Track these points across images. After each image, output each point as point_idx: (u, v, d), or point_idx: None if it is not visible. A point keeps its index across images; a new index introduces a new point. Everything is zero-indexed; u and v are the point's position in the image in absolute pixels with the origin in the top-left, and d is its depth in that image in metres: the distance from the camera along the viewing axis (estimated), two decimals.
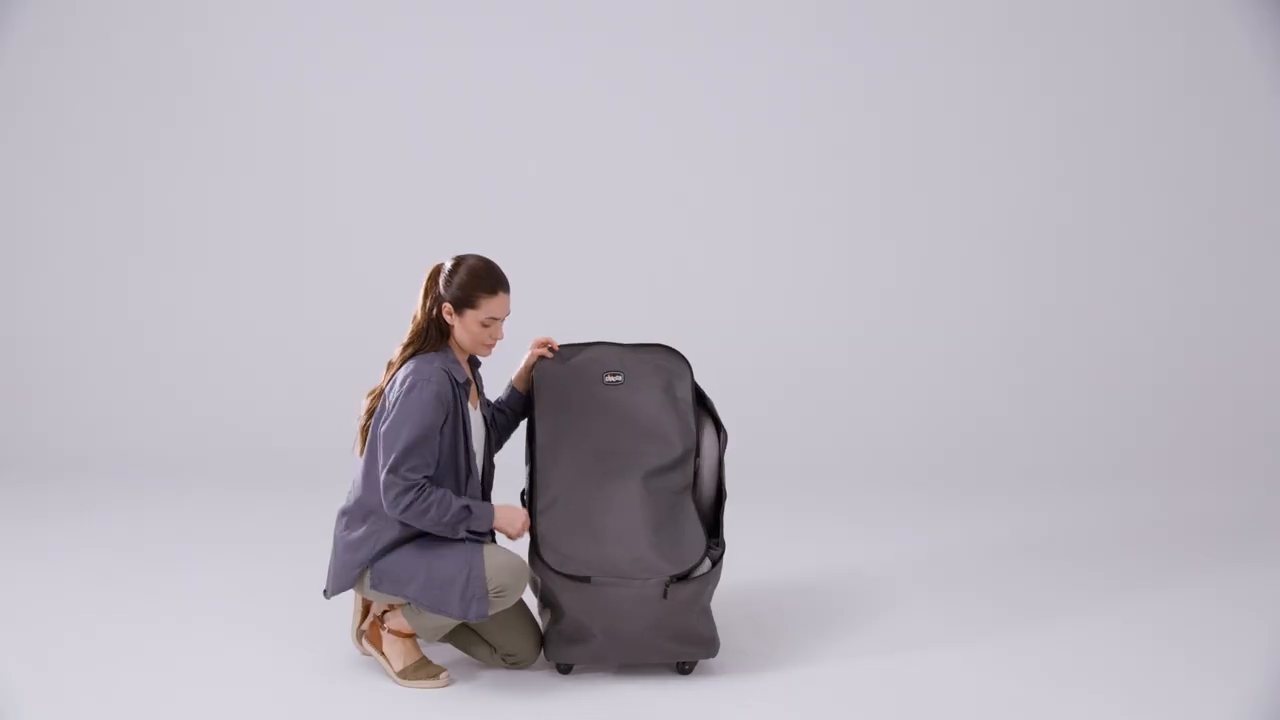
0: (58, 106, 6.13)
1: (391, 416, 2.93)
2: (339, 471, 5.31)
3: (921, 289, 6.02)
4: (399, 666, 3.04)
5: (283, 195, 6.14)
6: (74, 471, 5.39)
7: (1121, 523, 4.68)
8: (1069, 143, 6.02)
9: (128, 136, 6.13)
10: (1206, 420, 5.69)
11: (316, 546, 4.25)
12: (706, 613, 3.06)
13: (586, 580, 2.95)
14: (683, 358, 3.32)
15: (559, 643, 3.03)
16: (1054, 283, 6.00)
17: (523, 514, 3.04)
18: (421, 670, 3.04)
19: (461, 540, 2.96)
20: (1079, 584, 3.90)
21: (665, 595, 2.94)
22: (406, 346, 3.07)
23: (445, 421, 2.96)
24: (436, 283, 3.06)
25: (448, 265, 3.07)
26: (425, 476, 2.90)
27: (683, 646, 3.03)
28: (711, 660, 3.14)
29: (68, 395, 5.96)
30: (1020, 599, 3.74)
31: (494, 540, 3.09)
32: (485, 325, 3.04)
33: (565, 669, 3.10)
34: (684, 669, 3.09)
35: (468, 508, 2.92)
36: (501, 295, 3.05)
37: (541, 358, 3.29)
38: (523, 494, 3.24)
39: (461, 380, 3.02)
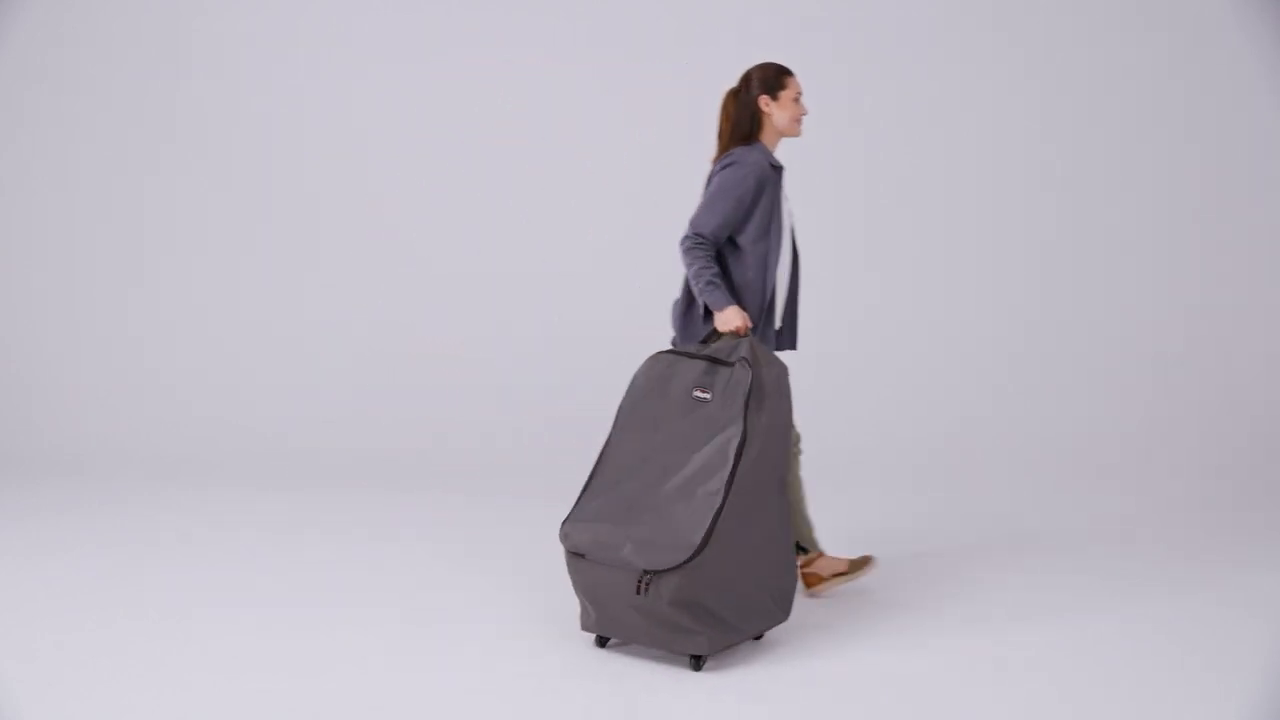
0: (58, 106, 6.13)
1: (714, 186, 3.41)
2: (341, 471, 5.36)
3: (922, 288, 6.02)
4: (843, 569, 3.70)
5: (285, 194, 6.15)
6: (73, 471, 5.39)
7: (1121, 522, 4.69)
8: (1065, 142, 6.02)
9: (128, 135, 6.14)
10: (1206, 421, 5.69)
11: (317, 550, 4.27)
12: (687, 606, 3.04)
13: (582, 556, 3.14)
14: (754, 365, 3.22)
15: (581, 609, 3.26)
16: (1053, 281, 6.00)
17: (744, 318, 3.33)
18: (856, 567, 3.72)
19: None
20: (1078, 584, 3.91)
21: (638, 591, 3.03)
22: (722, 148, 3.52)
23: (763, 196, 3.40)
24: (736, 97, 3.53)
25: (738, 84, 3.54)
26: (706, 239, 3.37)
27: (669, 635, 3.08)
28: (713, 659, 3.16)
29: (68, 395, 5.96)
30: (1019, 599, 3.74)
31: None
32: (796, 100, 3.51)
33: (600, 641, 3.28)
34: (695, 664, 3.12)
35: (714, 284, 3.34)
36: (795, 76, 3.55)
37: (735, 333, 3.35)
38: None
39: (778, 165, 3.47)
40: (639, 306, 5.96)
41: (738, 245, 3.44)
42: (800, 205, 6.17)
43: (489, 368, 5.98)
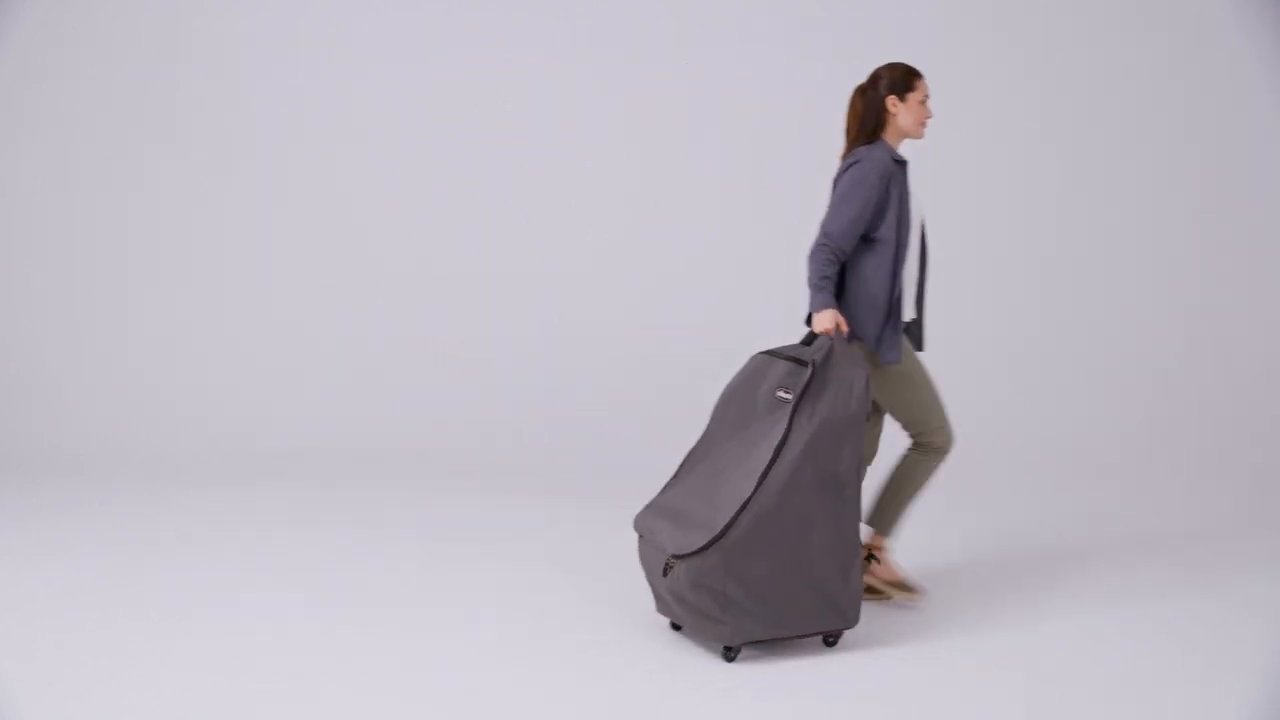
0: (58, 106, 6.13)
1: (840, 188, 3.44)
2: (341, 471, 5.36)
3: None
4: (891, 578, 3.67)
5: (285, 194, 6.15)
6: (73, 471, 5.39)
7: (1121, 522, 4.68)
8: (1065, 142, 6.02)
9: (128, 135, 6.13)
10: (1206, 421, 5.69)
11: (317, 550, 4.27)
12: (709, 592, 3.09)
13: (642, 538, 3.34)
14: (817, 365, 3.23)
15: None
16: (1053, 281, 6.00)
17: (836, 320, 3.35)
18: (902, 590, 3.67)
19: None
20: (1078, 584, 3.90)
21: (664, 573, 3.19)
22: (850, 145, 3.55)
23: (891, 190, 3.41)
24: (864, 95, 3.54)
25: (866, 81, 3.54)
26: (831, 241, 3.38)
27: (697, 620, 3.17)
28: (750, 653, 3.22)
29: (68, 395, 5.96)
30: (1019, 599, 3.74)
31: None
32: (923, 103, 3.52)
33: (674, 626, 3.42)
34: (727, 655, 3.19)
35: (819, 286, 3.37)
36: (924, 78, 3.55)
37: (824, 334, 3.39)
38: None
39: (901, 159, 3.48)
40: (639, 306, 5.97)
41: (874, 239, 3.44)
42: (801, 206, 6.18)
43: (489, 368, 5.98)
